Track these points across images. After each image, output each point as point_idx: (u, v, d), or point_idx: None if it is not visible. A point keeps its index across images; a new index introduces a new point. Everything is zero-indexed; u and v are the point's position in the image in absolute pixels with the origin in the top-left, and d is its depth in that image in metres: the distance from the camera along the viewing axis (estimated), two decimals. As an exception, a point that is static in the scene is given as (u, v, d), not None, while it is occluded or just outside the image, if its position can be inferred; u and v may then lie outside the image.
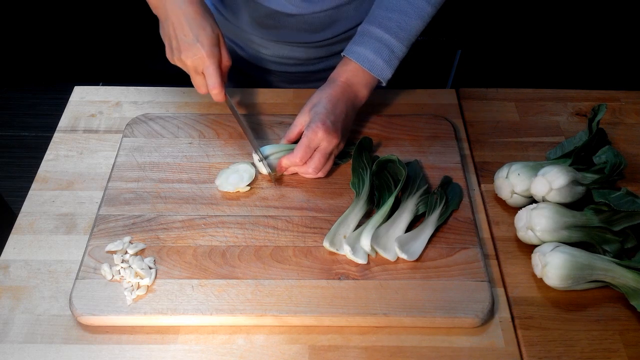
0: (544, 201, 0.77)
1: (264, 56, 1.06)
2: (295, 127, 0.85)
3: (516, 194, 0.80)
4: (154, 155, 0.88)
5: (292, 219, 0.80)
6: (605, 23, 1.94)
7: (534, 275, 0.74)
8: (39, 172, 0.87)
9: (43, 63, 2.40)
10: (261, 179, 0.85)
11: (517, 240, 0.78)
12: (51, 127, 0.95)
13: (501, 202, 0.83)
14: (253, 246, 0.76)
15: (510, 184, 0.80)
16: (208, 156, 0.88)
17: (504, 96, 1.01)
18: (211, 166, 0.87)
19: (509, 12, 1.92)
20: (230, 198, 0.82)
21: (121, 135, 0.92)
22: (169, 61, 0.83)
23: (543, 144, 0.92)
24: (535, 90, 1.02)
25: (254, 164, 0.85)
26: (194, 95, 0.98)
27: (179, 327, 0.69)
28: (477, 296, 0.71)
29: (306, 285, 0.72)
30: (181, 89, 1.00)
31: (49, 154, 0.90)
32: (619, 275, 0.70)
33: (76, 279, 0.72)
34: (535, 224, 0.74)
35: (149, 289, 0.71)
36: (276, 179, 0.85)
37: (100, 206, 0.81)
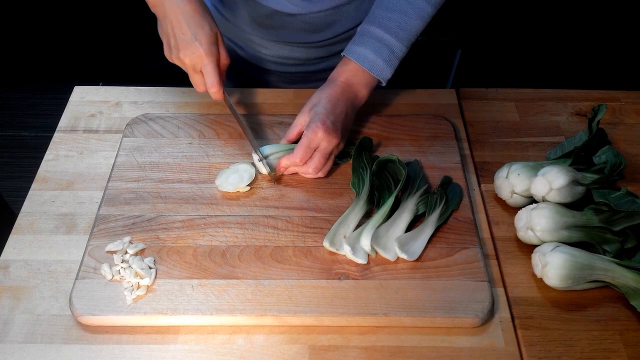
0: (544, 201, 0.77)
1: (264, 56, 1.06)
2: (295, 127, 0.85)
3: (516, 194, 0.80)
4: (154, 155, 0.88)
5: (292, 219, 0.80)
6: (605, 23, 1.94)
7: (534, 275, 0.74)
8: (39, 172, 0.87)
9: (43, 63, 2.40)
10: (261, 179, 0.85)
11: (517, 240, 0.78)
12: (51, 127, 0.95)
13: (501, 202, 0.84)
14: (253, 246, 0.76)
15: (510, 184, 0.80)
16: (208, 156, 0.88)
17: (504, 96, 1.01)
18: (211, 166, 0.87)
19: (509, 12, 1.92)
20: (230, 198, 0.82)
21: (121, 135, 0.92)
22: (167, 60, 0.83)
23: (543, 144, 0.92)
24: (535, 90, 1.02)
25: (254, 163, 0.85)
26: (194, 95, 0.98)
27: (179, 327, 0.69)
28: (477, 296, 0.71)
29: (306, 285, 0.72)
30: (181, 89, 1.00)
31: (49, 154, 0.90)
32: (619, 275, 0.70)
33: (76, 279, 0.72)
34: (535, 224, 0.74)
35: (149, 289, 0.71)
36: (276, 179, 0.85)
37: (100, 206, 0.81)
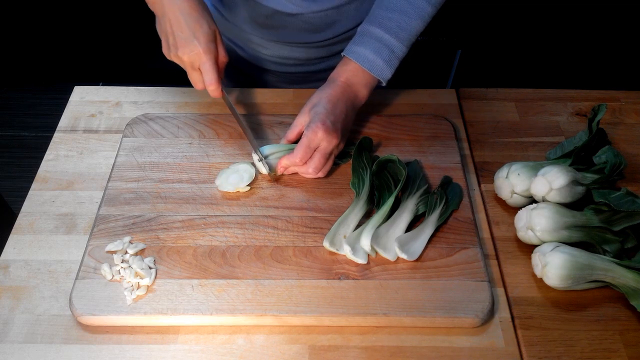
0: (544, 201, 0.77)
1: (264, 56, 1.06)
2: (295, 127, 0.85)
3: (516, 194, 0.80)
4: (154, 155, 0.88)
5: (292, 219, 0.80)
6: (605, 23, 1.94)
7: (534, 275, 0.74)
8: (39, 172, 0.87)
9: (43, 63, 2.40)
10: (261, 179, 0.85)
11: (517, 240, 0.78)
12: (51, 127, 0.95)
13: (501, 202, 0.83)
14: (253, 246, 0.76)
15: (510, 184, 0.80)
16: (208, 156, 0.88)
17: (504, 96, 1.01)
18: (211, 166, 0.87)
19: (509, 12, 1.92)
20: (230, 198, 0.82)
21: (121, 135, 0.92)
22: (167, 60, 0.83)
23: (543, 144, 0.92)
24: (535, 90, 1.02)
25: (254, 163, 0.85)
26: (194, 95, 0.98)
27: (179, 327, 0.69)
28: (477, 296, 0.71)
29: (306, 285, 0.72)
30: (181, 89, 1.00)
31: (49, 154, 0.90)
32: (619, 275, 0.70)
33: (76, 279, 0.72)
34: (535, 224, 0.74)
35: (149, 289, 0.71)
36: (276, 179, 0.85)
37: (100, 206, 0.81)
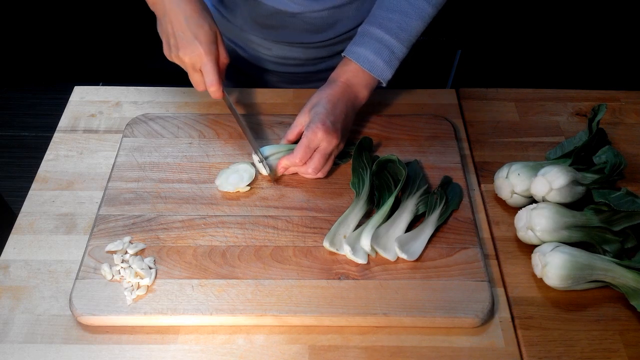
0: (544, 201, 0.77)
1: (264, 56, 1.05)
2: (295, 127, 0.85)
3: (516, 194, 0.80)
4: (154, 155, 0.88)
5: (292, 219, 0.80)
6: (605, 23, 1.94)
7: (534, 275, 0.74)
8: (39, 172, 0.87)
9: (43, 63, 2.40)
10: (261, 179, 0.85)
11: (517, 240, 0.78)
12: (51, 127, 0.95)
13: (501, 202, 0.83)
14: (253, 246, 0.76)
15: (510, 184, 0.80)
16: (208, 156, 0.88)
17: (504, 96, 1.01)
18: (211, 166, 0.87)
19: (509, 12, 1.92)
20: (230, 198, 0.82)
21: (121, 135, 0.92)
22: (167, 60, 0.83)
23: (543, 144, 0.92)
24: (535, 90, 1.02)
25: (254, 164, 0.85)
26: (194, 95, 0.98)
27: (179, 327, 0.69)
28: (477, 296, 0.71)
29: (306, 285, 0.72)
30: (181, 89, 1.00)
31: (49, 154, 0.90)
32: (619, 275, 0.70)
33: (76, 279, 0.72)
34: (535, 224, 0.74)
35: (149, 289, 0.71)
36: (276, 179, 0.85)
37: (100, 206, 0.81)
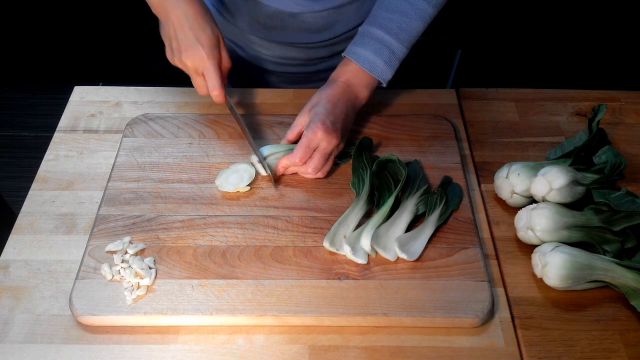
0: (544, 201, 0.77)
1: (265, 57, 1.05)
2: (295, 127, 0.85)
3: (516, 194, 0.80)
4: (154, 155, 0.88)
5: (292, 219, 0.80)
6: (605, 23, 1.94)
7: (534, 275, 0.74)
8: (39, 172, 0.87)
9: (43, 63, 2.40)
10: (261, 179, 0.85)
11: (517, 240, 0.78)
12: (51, 127, 0.95)
13: (501, 202, 0.83)
14: (253, 246, 0.76)
15: (510, 184, 0.80)
16: (208, 156, 0.88)
17: (504, 96, 1.01)
18: (211, 166, 0.87)
19: (509, 12, 1.92)
20: (230, 198, 0.82)
21: (121, 135, 0.92)
22: (167, 60, 0.83)
23: (543, 144, 0.92)
24: (535, 90, 1.02)
25: (253, 164, 0.85)
26: (194, 95, 0.98)
27: (179, 327, 0.69)
28: (477, 296, 0.71)
29: (306, 285, 0.72)
30: (181, 89, 1.00)
31: (49, 154, 0.90)
32: (619, 275, 0.70)
33: (76, 279, 0.72)
34: (535, 224, 0.74)
35: (149, 289, 0.71)
36: (275, 179, 0.85)
37: (100, 206, 0.81)
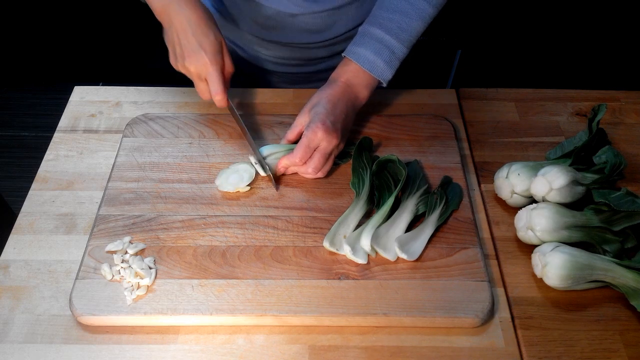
0: (544, 201, 0.77)
1: (264, 57, 1.06)
2: (295, 127, 0.85)
3: (516, 194, 0.80)
4: (154, 155, 0.88)
5: (292, 219, 0.80)
6: (605, 23, 1.94)
7: (534, 275, 0.74)
8: (39, 172, 0.87)
9: (43, 63, 2.40)
10: (261, 179, 0.85)
11: (517, 240, 0.78)
12: (51, 127, 0.95)
13: (501, 202, 0.83)
14: (253, 246, 0.76)
15: (510, 184, 0.80)
16: (208, 156, 0.88)
17: (504, 96, 1.01)
18: (211, 166, 0.87)
19: (509, 12, 1.92)
20: (230, 198, 0.82)
21: (121, 135, 0.92)
22: (167, 60, 0.83)
23: (543, 144, 0.92)
24: (535, 90, 1.02)
25: (253, 164, 0.85)
26: (194, 95, 0.98)
27: (179, 327, 0.69)
28: (477, 296, 0.71)
29: (306, 285, 0.72)
30: (181, 89, 1.00)
31: (49, 154, 0.90)
32: (619, 275, 0.70)
33: (76, 279, 0.72)
34: (535, 224, 0.74)
35: (149, 289, 0.71)
36: (275, 179, 0.85)
37: (100, 206, 0.81)
